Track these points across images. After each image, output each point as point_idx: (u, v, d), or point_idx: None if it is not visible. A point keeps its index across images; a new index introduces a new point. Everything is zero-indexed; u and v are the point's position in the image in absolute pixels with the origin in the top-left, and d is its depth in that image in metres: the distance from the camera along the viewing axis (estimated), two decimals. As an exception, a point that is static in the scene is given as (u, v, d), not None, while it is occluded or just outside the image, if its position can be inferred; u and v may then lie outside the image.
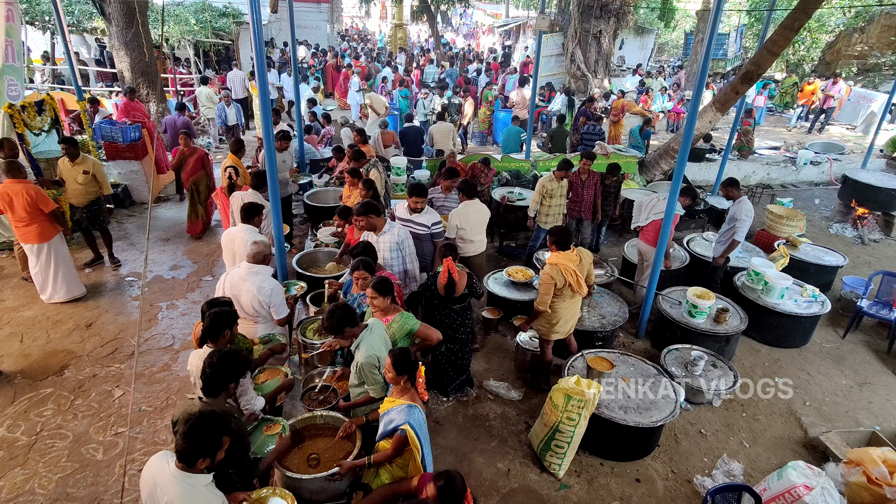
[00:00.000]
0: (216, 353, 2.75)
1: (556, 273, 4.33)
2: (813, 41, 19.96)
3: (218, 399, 2.75)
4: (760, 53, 7.20)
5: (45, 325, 5.60)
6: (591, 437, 4.04)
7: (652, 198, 5.93)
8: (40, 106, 7.18)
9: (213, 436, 2.25)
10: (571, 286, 4.35)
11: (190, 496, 2.23)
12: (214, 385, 2.70)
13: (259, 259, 3.98)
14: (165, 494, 2.25)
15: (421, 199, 5.02)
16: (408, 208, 5.15)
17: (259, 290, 3.89)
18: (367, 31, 38.80)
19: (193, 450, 2.22)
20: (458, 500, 2.41)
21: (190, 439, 2.21)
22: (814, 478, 3.42)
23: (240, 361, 2.82)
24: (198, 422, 2.22)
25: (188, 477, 2.24)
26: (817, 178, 11.56)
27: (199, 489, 2.26)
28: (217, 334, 3.13)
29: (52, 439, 4.20)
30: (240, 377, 2.83)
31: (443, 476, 2.45)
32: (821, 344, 5.96)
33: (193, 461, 2.24)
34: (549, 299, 4.39)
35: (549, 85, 15.01)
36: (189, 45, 15.16)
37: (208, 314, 3.19)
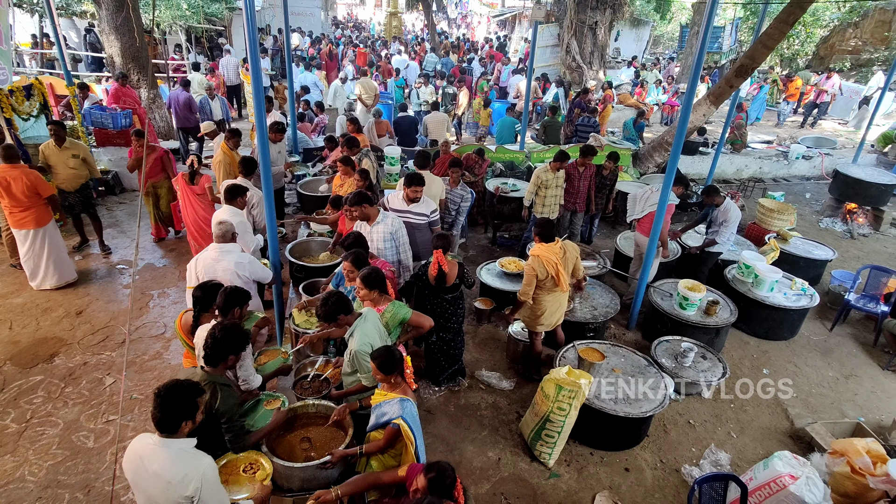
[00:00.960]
0: (218, 325, 2.85)
1: (538, 265, 4.35)
2: (807, 35, 20.02)
3: (217, 369, 2.84)
4: (755, 47, 7.21)
5: (35, 313, 5.55)
6: (581, 426, 4.08)
7: (646, 190, 5.95)
8: (29, 91, 7.07)
9: (186, 399, 2.33)
10: (554, 279, 4.37)
11: (177, 458, 2.31)
12: (215, 355, 2.81)
13: (228, 238, 4.09)
14: (153, 463, 2.30)
15: (419, 189, 4.95)
16: (405, 198, 5.04)
17: (238, 266, 4.00)
18: (358, 19, 38.38)
19: (172, 415, 2.30)
20: (449, 491, 2.42)
21: (165, 407, 2.29)
22: (799, 468, 3.48)
23: (240, 335, 2.90)
24: (168, 390, 2.31)
25: (172, 442, 2.33)
26: (809, 173, 11.65)
27: (186, 451, 2.35)
28: (228, 310, 3.23)
29: (43, 427, 4.19)
30: (240, 350, 2.92)
31: (434, 468, 2.45)
32: (809, 336, 6.04)
33: (176, 426, 2.32)
34: (531, 290, 4.42)
35: (544, 76, 14.96)
36: (181, 30, 14.94)
37: (221, 291, 3.28)
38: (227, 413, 2.80)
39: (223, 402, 2.78)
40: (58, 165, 6.20)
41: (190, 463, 2.32)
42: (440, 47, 20.68)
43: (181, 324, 3.61)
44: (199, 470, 2.31)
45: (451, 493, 2.43)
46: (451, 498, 2.42)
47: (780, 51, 19.59)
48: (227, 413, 2.80)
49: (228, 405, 2.81)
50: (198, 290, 3.41)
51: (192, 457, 2.35)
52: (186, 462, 2.32)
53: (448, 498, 2.41)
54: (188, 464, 2.31)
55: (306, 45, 19.39)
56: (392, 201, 5.18)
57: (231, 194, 4.81)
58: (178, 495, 2.28)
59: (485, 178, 8.11)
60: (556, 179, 6.60)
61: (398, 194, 5.16)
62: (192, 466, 2.31)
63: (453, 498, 2.43)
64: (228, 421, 2.83)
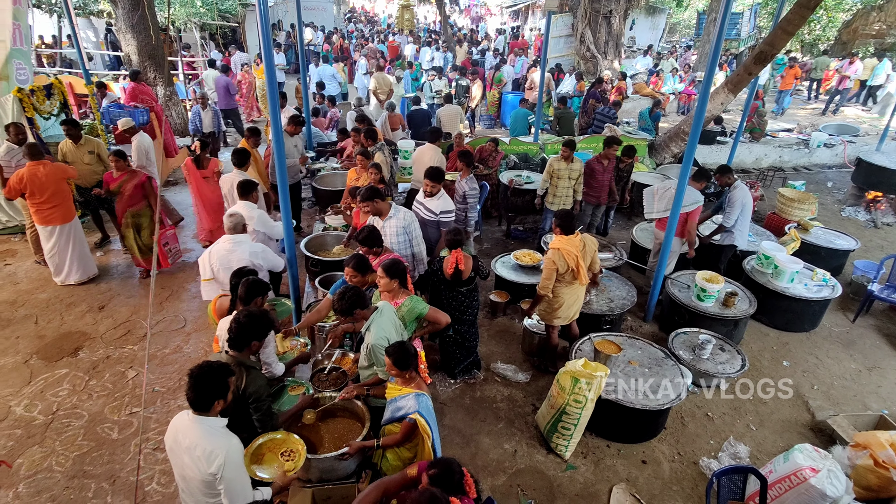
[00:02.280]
0: (243, 312, 2.95)
1: (559, 258, 4.32)
2: (829, 20, 19.52)
3: (242, 354, 2.94)
4: (775, 33, 7.05)
5: (59, 308, 5.69)
6: (597, 419, 4.07)
7: (667, 186, 5.73)
8: (49, 90, 7.19)
9: (217, 379, 2.45)
10: (574, 271, 4.34)
11: (208, 434, 2.43)
12: (239, 340, 2.91)
13: (239, 229, 4.24)
14: (186, 438, 2.45)
15: (436, 185, 4.91)
16: (423, 191, 5.07)
17: (252, 256, 4.15)
18: (369, 13, 38.25)
19: (204, 394, 2.42)
20: (458, 485, 2.42)
21: (197, 386, 2.42)
22: (820, 460, 3.43)
23: (264, 321, 2.99)
24: (200, 371, 2.43)
25: (205, 420, 2.45)
26: (831, 161, 11.40)
27: (216, 429, 2.47)
28: (250, 301, 3.34)
29: (69, 418, 4.30)
30: (263, 336, 3.01)
31: (437, 464, 2.45)
32: (830, 328, 5.93)
33: (208, 405, 2.44)
34: (551, 284, 4.39)
35: (558, 66, 14.81)
36: (195, 27, 15.07)
37: (243, 282, 3.40)
38: (254, 394, 2.89)
39: (251, 383, 2.88)
40: (75, 162, 6.34)
41: (217, 441, 2.44)
42: (452, 39, 20.56)
43: (216, 308, 3.75)
44: (225, 448, 2.42)
45: (461, 487, 2.44)
46: (461, 492, 2.42)
47: (800, 36, 19.12)
48: (254, 394, 2.89)
49: (256, 386, 2.90)
50: (234, 278, 3.55)
51: (221, 435, 2.47)
52: (214, 439, 2.43)
53: (459, 492, 2.42)
54: (216, 441, 2.43)
55: (319, 40, 19.45)
56: (419, 194, 5.21)
57: (244, 189, 4.91)
58: (204, 470, 2.41)
59: (499, 171, 8.08)
60: (569, 171, 6.51)
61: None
62: (218, 444, 2.42)
63: (463, 492, 2.43)
64: (256, 401, 2.91)
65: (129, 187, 5.79)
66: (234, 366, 2.81)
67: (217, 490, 2.46)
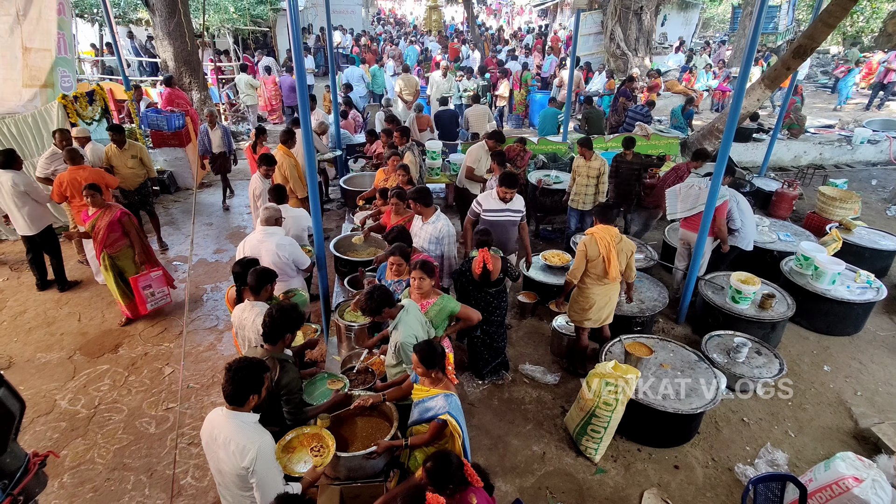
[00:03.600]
0: (276, 307, 3.04)
1: (591, 243, 4.34)
2: (873, 11, 18.72)
3: (276, 347, 3.04)
4: (815, 26, 6.80)
5: (101, 306, 5.90)
6: (628, 422, 4.00)
7: (692, 185, 5.63)
8: (91, 96, 7.48)
9: (253, 374, 2.54)
10: (605, 261, 4.29)
11: (241, 429, 2.51)
12: (273, 334, 3.01)
13: (272, 222, 4.45)
14: (221, 433, 2.53)
15: (511, 190, 4.89)
16: (498, 198, 4.97)
17: (279, 248, 4.33)
18: (397, 15, 38.49)
19: (240, 389, 2.51)
20: (455, 475, 2.40)
21: (235, 381, 2.50)
22: (864, 470, 3.29)
23: (296, 315, 3.09)
24: (238, 366, 2.52)
25: (238, 415, 2.54)
26: (875, 158, 10.93)
27: (249, 424, 2.55)
28: (260, 289, 3.51)
29: (109, 412, 4.46)
30: (296, 329, 3.11)
31: (431, 458, 2.46)
32: (875, 332, 5.69)
33: (244, 399, 2.53)
34: (580, 271, 4.42)
35: (587, 65, 14.63)
36: (228, 33, 15.44)
37: (252, 270, 3.54)
38: (286, 386, 2.97)
39: (284, 375, 2.97)
40: (119, 167, 6.56)
41: (250, 435, 2.51)
42: (480, 39, 20.53)
43: (228, 297, 4.00)
44: (257, 444, 2.48)
45: (463, 477, 2.43)
46: (464, 482, 2.42)
47: (842, 28, 18.41)
48: (286, 386, 2.97)
49: (289, 378, 2.98)
50: (237, 266, 3.72)
51: (254, 430, 2.54)
52: (247, 434, 2.51)
53: (462, 482, 2.41)
54: (249, 436, 2.50)
55: (348, 43, 19.69)
56: (485, 202, 5.05)
57: (278, 194, 5.12)
58: (237, 464, 2.48)
59: (527, 171, 8.02)
60: (588, 169, 6.39)
61: (491, 193, 5.06)
62: (251, 439, 2.49)
63: (467, 482, 2.43)
64: (288, 394, 2.99)
65: (101, 225, 5.10)
66: (268, 359, 2.93)
67: (250, 484, 2.52)
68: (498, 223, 4.96)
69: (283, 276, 4.36)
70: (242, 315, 3.56)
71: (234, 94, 13.41)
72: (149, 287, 5.51)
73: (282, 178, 6.33)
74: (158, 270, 5.57)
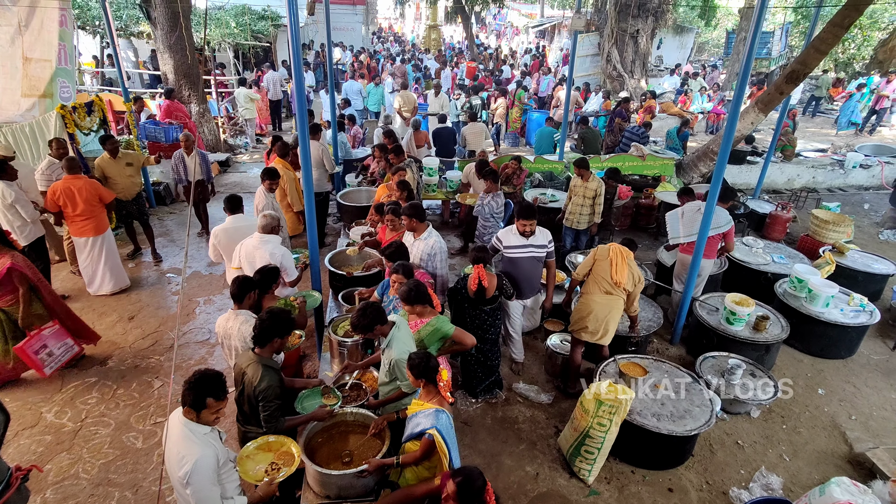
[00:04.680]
0: (268, 311, 3.11)
1: (604, 247, 4.56)
2: (864, 38, 19.11)
3: (264, 350, 3.09)
4: (807, 52, 6.93)
5: (91, 317, 5.84)
6: (622, 443, 3.96)
7: (693, 210, 5.59)
8: (90, 107, 7.50)
9: (214, 383, 2.57)
10: (612, 264, 4.42)
11: (186, 439, 2.54)
12: (263, 338, 3.06)
13: (268, 230, 4.52)
14: (170, 437, 2.59)
15: (529, 222, 4.61)
16: (517, 232, 4.68)
17: (272, 256, 4.38)
18: (395, 33, 38.95)
19: (196, 398, 2.53)
20: (478, 495, 2.40)
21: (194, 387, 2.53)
22: (859, 495, 3.26)
23: (285, 320, 3.13)
24: (197, 378, 2.55)
25: (189, 424, 2.57)
26: (867, 182, 11.06)
27: (196, 435, 2.56)
28: (243, 297, 3.55)
29: (96, 426, 4.38)
30: (286, 334, 3.15)
31: (461, 472, 2.45)
32: (868, 355, 5.69)
33: (200, 407, 2.54)
34: (587, 268, 4.60)
35: (585, 85, 14.83)
36: (229, 47, 15.57)
37: (234, 279, 3.62)
38: (263, 392, 2.99)
39: (262, 381, 2.98)
40: (115, 176, 6.54)
41: (192, 447, 2.51)
42: (479, 59, 20.80)
43: None
44: (195, 457, 2.48)
45: (482, 496, 2.41)
46: (481, 501, 2.41)
47: (834, 55, 18.76)
48: (263, 392, 2.99)
49: (267, 385, 2.99)
50: (234, 287, 3.65)
51: (197, 443, 2.53)
52: (189, 446, 2.51)
53: (478, 501, 2.40)
54: (190, 448, 2.51)
55: (348, 59, 19.90)
56: (505, 238, 4.76)
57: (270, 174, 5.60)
58: (174, 471, 2.52)
59: (523, 189, 8.06)
60: (584, 189, 6.43)
61: (511, 228, 4.76)
62: (191, 451, 2.50)
63: (485, 501, 2.42)
64: (265, 399, 3.00)
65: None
66: (252, 364, 3.03)
67: (187, 492, 2.52)
68: (520, 260, 4.75)
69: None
70: (227, 325, 3.56)
71: (233, 108, 13.48)
72: (44, 348, 4.64)
73: (279, 192, 6.36)
74: (53, 325, 4.71)
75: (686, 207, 5.72)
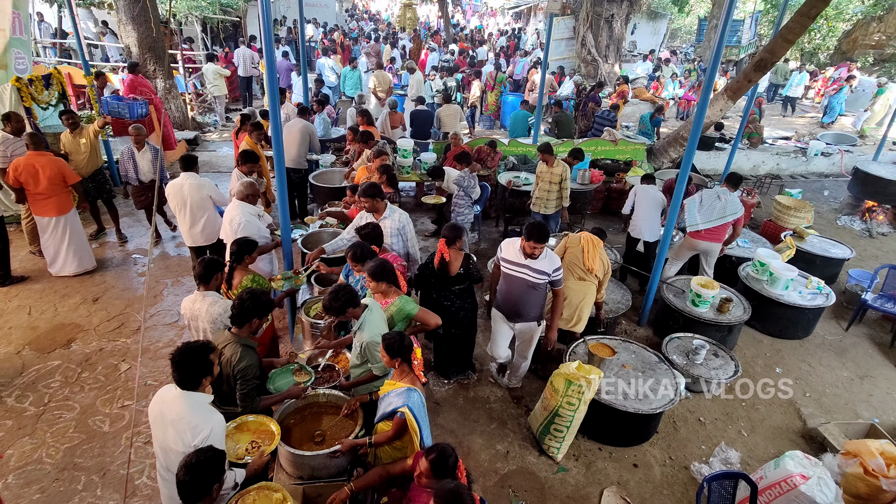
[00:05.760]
0: (246, 292, 3.13)
1: (575, 236, 4.64)
2: (829, 29, 19.59)
3: (242, 330, 3.10)
4: (775, 41, 7.08)
5: (53, 299, 5.66)
6: (590, 422, 4.08)
7: (714, 195, 5.69)
8: (48, 80, 7.15)
9: (199, 357, 2.58)
10: (584, 252, 4.53)
11: (194, 409, 2.57)
12: (241, 317, 3.07)
13: (241, 197, 4.65)
14: (172, 409, 2.57)
15: (539, 245, 3.96)
16: (520, 250, 4.09)
17: (231, 221, 4.54)
18: (370, 11, 38.12)
19: (190, 374, 2.56)
20: (451, 471, 2.45)
21: (181, 368, 2.55)
22: (810, 468, 3.44)
23: (265, 301, 3.14)
24: (182, 352, 2.57)
25: (191, 395, 2.59)
26: (828, 170, 11.45)
27: (202, 405, 2.60)
28: (210, 278, 3.53)
29: (60, 410, 4.28)
30: (264, 314, 3.15)
31: (434, 449, 2.49)
32: (823, 336, 5.96)
33: (196, 383, 2.58)
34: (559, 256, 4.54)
35: (560, 69, 14.84)
36: (196, 21, 15.01)
37: (199, 260, 3.60)
38: (242, 371, 3.00)
39: (241, 360, 2.98)
40: (73, 153, 6.30)
41: (203, 415, 2.57)
42: (454, 39, 20.56)
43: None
44: (210, 424, 2.55)
45: (454, 472, 2.47)
46: (453, 476, 2.47)
47: (800, 45, 19.19)
48: (242, 371, 3.00)
49: (246, 364, 3.00)
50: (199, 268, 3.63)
51: (207, 410, 2.60)
52: (200, 414, 2.56)
53: (451, 476, 2.46)
54: (201, 416, 2.56)
55: (320, 37, 19.41)
56: (506, 249, 4.24)
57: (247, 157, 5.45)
58: (188, 443, 2.50)
59: (497, 172, 8.08)
60: (550, 175, 6.45)
61: (515, 242, 4.19)
62: (204, 419, 2.55)
63: (455, 476, 2.48)
64: (243, 378, 3.01)
65: None
66: (230, 343, 3.04)
67: None
68: (512, 279, 4.16)
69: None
70: (194, 306, 3.51)
71: (201, 84, 13.05)
72: None
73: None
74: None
75: (704, 194, 5.83)
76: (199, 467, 2.24)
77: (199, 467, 2.24)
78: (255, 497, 2.59)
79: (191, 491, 2.23)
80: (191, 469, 2.22)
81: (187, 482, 2.21)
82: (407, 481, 2.81)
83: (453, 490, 2.24)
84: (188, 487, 2.22)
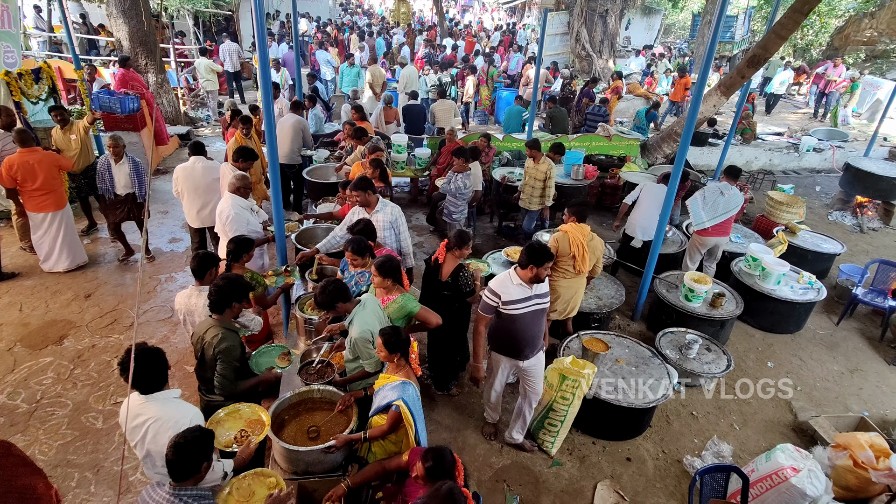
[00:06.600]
0: (223, 277, 3.15)
1: (563, 240, 4.45)
2: (822, 25, 19.68)
3: (223, 316, 3.13)
4: (768, 37, 7.10)
5: (45, 295, 5.62)
6: (584, 416, 4.10)
7: (716, 191, 5.75)
8: (37, 74, 7.07)
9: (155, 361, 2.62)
10: (574, 259, 4.42)
11: (168, 407, 2.61)
12: (220, 303, 3.09)
13: (232, 189, 4.66)
14: (146, 414, 2.59)
15: (549, 263, 3.57)
16: (521, 282, 3.60)
17: (220, 213, 4.57)
18: (363, 4, 37.84)
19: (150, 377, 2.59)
20: (448, 474, 2.46)
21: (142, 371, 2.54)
22: (801, 460, 3.48)
23: (242, 285, 3.18)
24: (179, 443, 2.29)
25: (156, 395, 2.61)
26: (819, 166, 11.52)
27: (172, 400, 2.66)
28: (204, 273, 3.54)
29: (52, 407, 4.26)
30: (243, 299, 3.21)
31: (430, 454, 2.48)
32: (814, 330, 6.01)
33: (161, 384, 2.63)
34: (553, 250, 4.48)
35: (554, 64, 14.83)
36: (188, 14, 14.87)
37: (194, 255, 3.61)
38: (224, 352, 3.05)
39: (223, 340, 3.06)
40: (64, 149, 6.25)
41: (180, 410, 2.62)
42: (448, 34, 20.49)
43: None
44: (189, 416, 2.59)
45: (452, 474, 2.47)
46: (451, 478, 2.47)
47: (793, 41, 19.27)
48: (224, 352, 3.05)
49: (227, 345, 3.06)
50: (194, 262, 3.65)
51: (179, 405, 2.66)
52: (178, 409, 2.62)
53: (449, 478, 2.46)
54: (179, 411, 2.61)
55: (314, 31, 19.29)
56: (504, 291, 3.60)
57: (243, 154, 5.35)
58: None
59: (491, 167, 8.08)
60: (536, 171, 6.45)
61: (511, 278, 3.64)
62: (182, 413, 2.60)
63: (453, 478, 2.48)
64: (224, 362, 3.07)
65: None
66: (213, 328, 3.08)
67: None
68: (522, 318, 3.65)
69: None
70: (189, 301, 3.52)
71: (193, 79, 12.95)
72: None
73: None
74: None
75: (706, 191, 5.85)
76: (188, 446, 2.23)
77: (188, 446, 2.23)
78: (250, 481, 2.67)
79: (180, 469, 2.23)
80: (180, 448, 2.22)
81: (176, 461, 2.21)
82: (402, 476, 2.83)
83: (448, 493, 2.24)
84: (177, 465, 2.22)
